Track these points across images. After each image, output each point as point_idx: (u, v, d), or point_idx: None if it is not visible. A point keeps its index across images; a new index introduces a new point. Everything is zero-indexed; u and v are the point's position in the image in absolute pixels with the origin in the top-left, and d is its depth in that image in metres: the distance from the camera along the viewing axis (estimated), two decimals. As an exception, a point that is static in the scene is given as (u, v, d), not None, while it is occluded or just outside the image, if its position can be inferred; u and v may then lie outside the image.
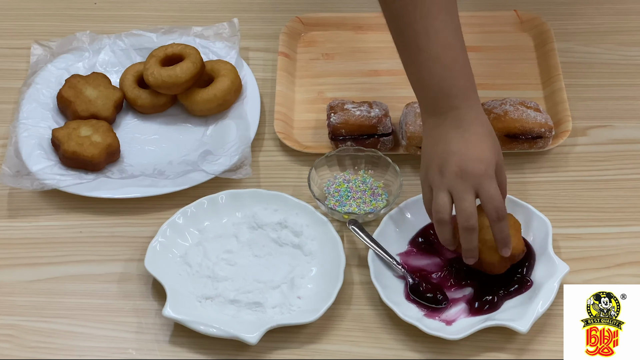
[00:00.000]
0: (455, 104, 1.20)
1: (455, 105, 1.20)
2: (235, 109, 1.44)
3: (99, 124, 1.39)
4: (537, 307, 1.19)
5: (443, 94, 1.20)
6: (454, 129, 1.20)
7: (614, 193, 1.36)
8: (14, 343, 1.22)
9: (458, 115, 1.20)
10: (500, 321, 1.18)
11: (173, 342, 1.22)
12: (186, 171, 1.36)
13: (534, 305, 1.19)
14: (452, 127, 1.20)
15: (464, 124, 1.20)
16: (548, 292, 1.20)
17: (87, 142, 1.36)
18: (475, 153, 1.18)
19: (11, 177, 1.34)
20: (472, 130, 1.20)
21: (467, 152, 1.18)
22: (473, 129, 1.20)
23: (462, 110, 1.20)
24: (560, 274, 1.21)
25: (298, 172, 1.39)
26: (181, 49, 1.45)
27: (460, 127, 1.19)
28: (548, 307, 1.19)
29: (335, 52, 1.55)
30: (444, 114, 1.20)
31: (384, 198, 1.35)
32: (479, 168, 1.17)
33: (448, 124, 1.20)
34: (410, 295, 1.24)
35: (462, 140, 1.19)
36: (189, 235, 1.30)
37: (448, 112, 1.20)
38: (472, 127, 1.20)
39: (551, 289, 1.20)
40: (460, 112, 1.20)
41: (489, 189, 1.18)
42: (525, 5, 1.60)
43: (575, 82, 1.49)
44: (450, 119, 1.20)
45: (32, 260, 1.31)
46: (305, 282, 1.26)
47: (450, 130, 1.20)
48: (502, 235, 1.19)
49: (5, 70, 1.54)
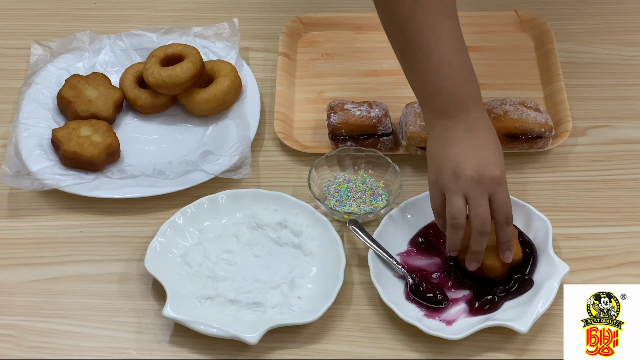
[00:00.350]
0: (466, 107, 1.20)
1: (466, 109, 1.20)
2: (235, 109, 1.44)
3: (99, 124, 1.39)
4: (537, 307, 1.19)
5: (455, 97, 1.20)
6: (467, 132, 1.19)
7: (614, 193, 1.36)
8: (14, 343, 1.22)
9: (470, 119, 1.20)
10: (500, 321, 1.18)
11: (173, 342, 1.22)
12: (186, 171, 1.36)
13: (534, 306, 1.19)
14: (465, 130, 1.19)
15: (475, 128, 1.20)
16: (548, 292, 1.20)
17: (87, 142, 1.36)
18: (491, 158, 1.18)
19: (11, 177, 1.34)
20: (483, 135, 1.20)
21: (482, 156, 1.18)
22: (484, 134, 1.20)
23: (473, 114, 1.20)
24: (560, 274, 1.21)
25: (298, 172, 1.39)
26: (181, 49, 1.45)
27: (473, 131, 1.19)
28: (548, 307, 1.19)
29: (335, 52, 1.55)
30: (455, 117, 1.20)
31: (384, 198, 1.35)
32: (495, 173, 1.18)
33: (460, 128, 1.20)
34: (410, 295, 1.24)
35: (475, 145, 1.19)
36: (189, 235, 1.30)
37: (460, 115, 1.20)
38: (483, 133, 1.20)
39: (551, 289, 1.20)
40: (471, 116, 1.20)
41: (502, 195, 1.18)
42: (525, 5, 1.60)
43: (575, 82, 1.49)
44: (462, 122, 1.20)
45: (32, 260, 1.31)
46: (305, 282, 1.26)
47: (463, 134, 1.19)
48: (506, 239, 1.20)
49: (5, 70, 1.54)
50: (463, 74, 1.21)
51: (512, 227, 1.20)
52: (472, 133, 1.19)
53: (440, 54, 1.20)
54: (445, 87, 1.20)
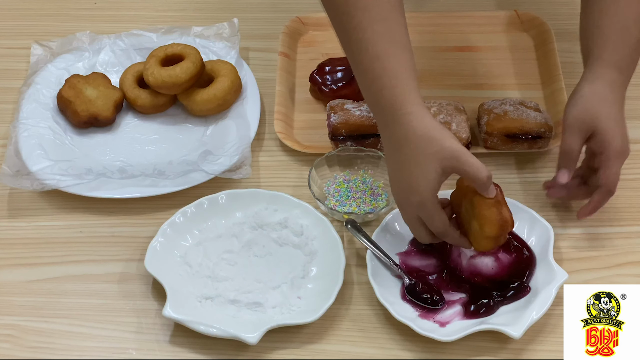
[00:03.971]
0: (385, 119, 1.15)
1: (385, 122, 1.15)
2: (235, 109, 1.44)
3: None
4: (532, 314, 1.18)
5: (376, 109, 1.16)
6: (392, 152, 1.16)
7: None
8: (14, 343, 1.22)
9: (389, 135, 1.15)
10: (493, 325, 1.18)
11: (173, 342, 1.22)
12: (186, 171, 1.36)
13: (529, 311, 1.19)
14: (389, 149, 1.16)
15: (395, 145, 1.15)
16: (544, 299, 1.20)
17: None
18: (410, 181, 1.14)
19: (11, 177, 1.34)
20: (403, 151, 1.14)
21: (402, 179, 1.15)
22: (404, 151, 1.14)
23: (391, 127, 1.14)
24: (558, 282, 1.21)
25: (298, 172, 1.39)
26: (181, 49, 1.45)
27: (396, 150, 1.15)
28: (543, 313, 1.19)
29: (335, 52, 1.54)
30: (381, 131, 1.17)
31: (384, 198, 1.35)
32: (413, 200, 1.15)
33: (386, 145, 1.17)
34: (406, 295, 1.24)
35: (398, 169, 1.15)
36: (189, 235, 1.30)
37: (383, 130, 1.16)
38: (404, 149, 1.14)
39: (548, 296, 1.20)
40: (390, 130, 1.15)
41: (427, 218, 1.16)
42: (525, 6, 1.60)
43: (575, 82, 1.47)
44: (386, 139, 1.16)
45: (32, 260, 1.31)
46: (305, 282, 1.26)
47: (390, 154, 1.16)
48: None
49: (5, 70, 1.54)
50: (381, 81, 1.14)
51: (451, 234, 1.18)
52: (396, 154, 1.15)
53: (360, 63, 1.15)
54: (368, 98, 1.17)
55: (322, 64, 1.48)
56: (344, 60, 1.46)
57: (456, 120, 1.36)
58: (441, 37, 1.56)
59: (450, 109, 1.38)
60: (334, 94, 1.44)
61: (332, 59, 1.48)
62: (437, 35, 1.57)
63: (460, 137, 1.35)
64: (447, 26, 1.58)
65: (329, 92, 1.45)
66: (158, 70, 1.42)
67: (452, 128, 1.35)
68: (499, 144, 1.38)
